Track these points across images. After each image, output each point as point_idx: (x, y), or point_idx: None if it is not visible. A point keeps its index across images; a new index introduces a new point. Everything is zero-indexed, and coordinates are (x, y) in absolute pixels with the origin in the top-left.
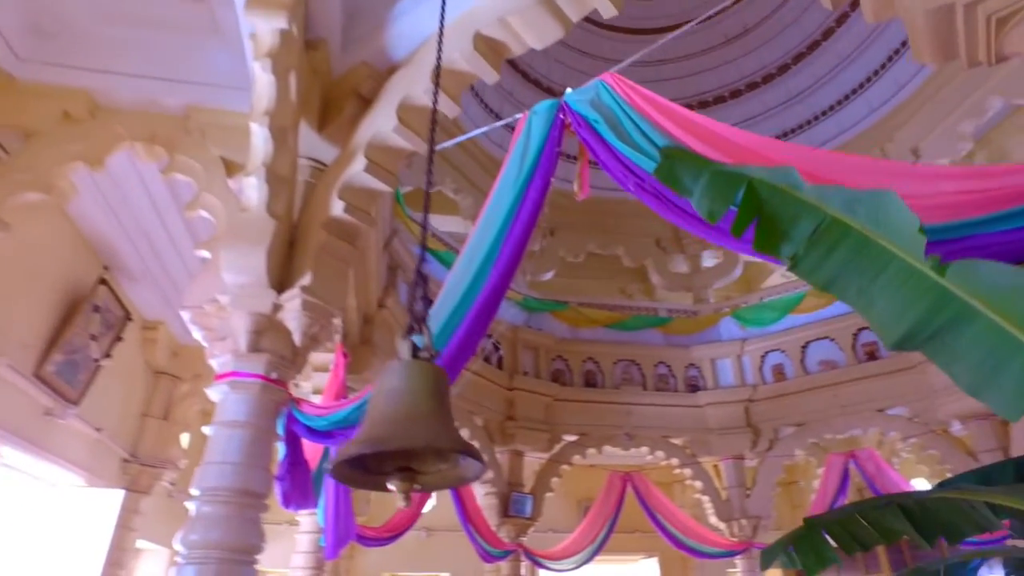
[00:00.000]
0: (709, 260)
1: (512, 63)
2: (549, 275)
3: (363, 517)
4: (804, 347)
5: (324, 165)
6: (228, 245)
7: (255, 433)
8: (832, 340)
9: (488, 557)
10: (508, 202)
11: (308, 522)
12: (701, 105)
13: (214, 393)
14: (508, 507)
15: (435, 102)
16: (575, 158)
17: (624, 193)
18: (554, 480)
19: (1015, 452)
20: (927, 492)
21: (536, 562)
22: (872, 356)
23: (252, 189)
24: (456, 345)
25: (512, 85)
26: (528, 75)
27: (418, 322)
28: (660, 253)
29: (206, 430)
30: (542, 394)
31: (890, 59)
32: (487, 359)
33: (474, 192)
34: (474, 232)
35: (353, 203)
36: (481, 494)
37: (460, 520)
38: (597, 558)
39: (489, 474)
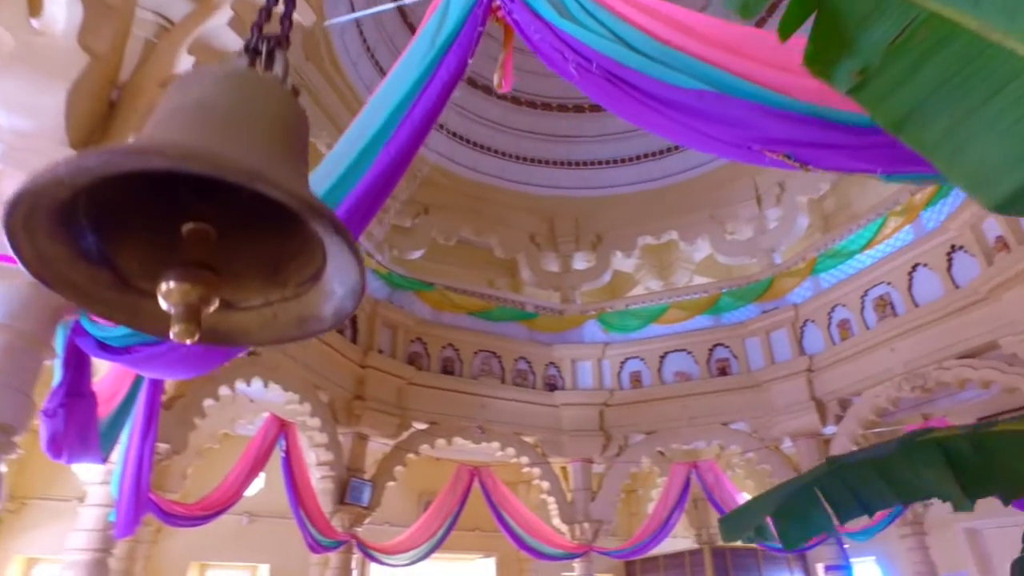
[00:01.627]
0: (580, 263)
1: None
2: (418, 254)
3: (176, 493)
4: (662, 357)
5: (174, 24)
6: (8, 71)
7: (16, 342)
8: (689, 353)
9: (317, 547)
10: (411, 80)
11: (99, 494)
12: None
13: None
14: (345, 494)
15: None
16: (458, 133)
17: (505, 182)
18: (398, 469)
19: None
20: (992, 424)
21: (369, 555)
22: (723, 372)
23: (59, 8)
24: None
25: (394, 30)
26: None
27: (278, 40)
28: (533, 248)
29: None
30: (396, 376)
31: None
32: (340, 330)
33: None
34: (362, 112)
35: (206, 63)
36: (317, 477)
37: (291, 504)
38: (434, 555)
39: (328, 456)
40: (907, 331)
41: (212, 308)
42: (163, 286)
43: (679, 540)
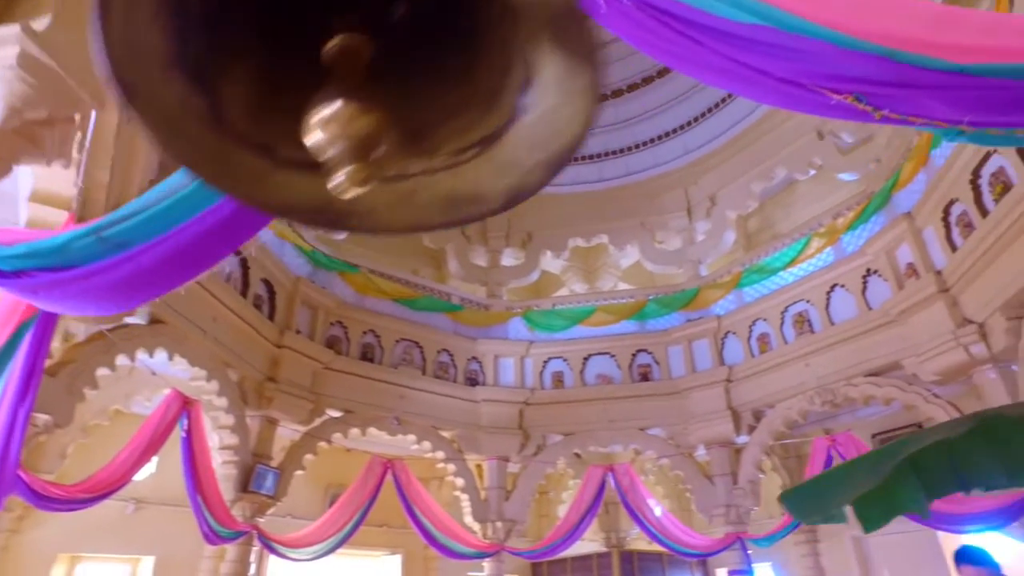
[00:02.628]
0: (508, 259)
1: None
2: (343, 235)
3: (51, 474)
4: (586, 359)
5: None
6: None
7: None
8: (612, 356)
9: (214, 538)
10: None
11: None
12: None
13: None
14: (249, 481)
15: None
16: None
17: None
18: (307, 457)
19: (743, 477)
20: None
21: (270, 547)
22: (645, 377)
23: None
24: None
25: None
26: None
27: None
28: (463, 240)
29: None
30: (313, 358)
31: (710, 110)
32: (257, 305)
33: None
34: None
35: None
36: (218, 462)
37: (188, 490)
38: (339, 551)
39: (233, 439)
40: (822, 348)
41: (383, 150)
42: (319, 113)
43: (586, 543)
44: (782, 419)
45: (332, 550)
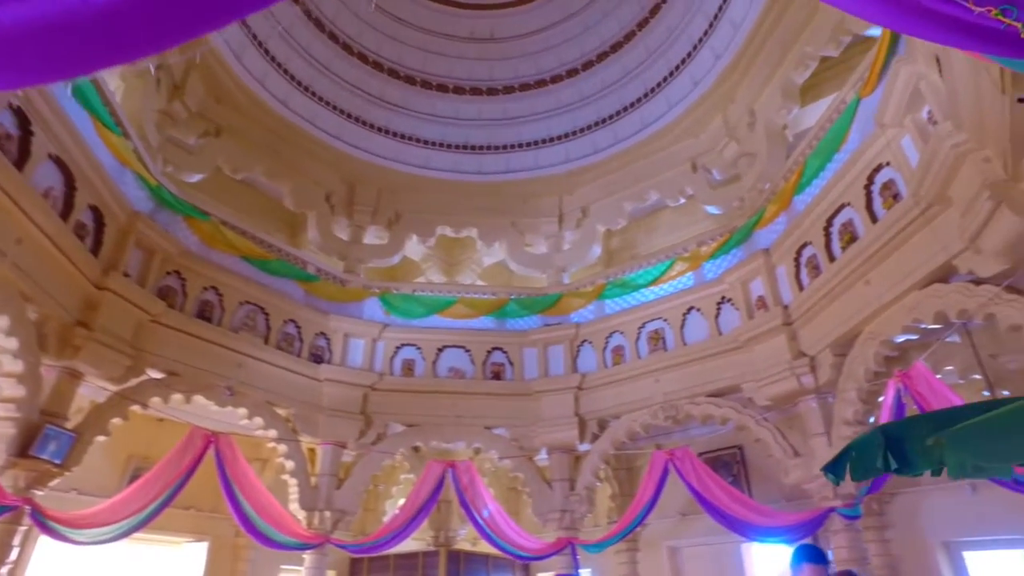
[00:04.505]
0: (372, 237)
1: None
2: (196, 178)
3: None
4: (440, 350)
5: None
6: None
7: None
8: (467, 351)
9: None
10: None
11: None
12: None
13: None
14: (32, 444)
15: None
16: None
17: (315, 128)
18: (114, 421)
19: (580, 484)
20: None
21: (45, 526)
22: (497, 376)
23: None
24: None
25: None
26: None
27: None
28: (326, 209)
29: None
30: (140, 307)
31: (596, 124)
32: (80, 234)
33: None
34: None
35: None
36: None
37: None
38: (136, 535)
39: (18, 391)
40: (672, 365)
41: None
42: None
43: (410, 541)
44: (626, 430)
45: (127, 533)
